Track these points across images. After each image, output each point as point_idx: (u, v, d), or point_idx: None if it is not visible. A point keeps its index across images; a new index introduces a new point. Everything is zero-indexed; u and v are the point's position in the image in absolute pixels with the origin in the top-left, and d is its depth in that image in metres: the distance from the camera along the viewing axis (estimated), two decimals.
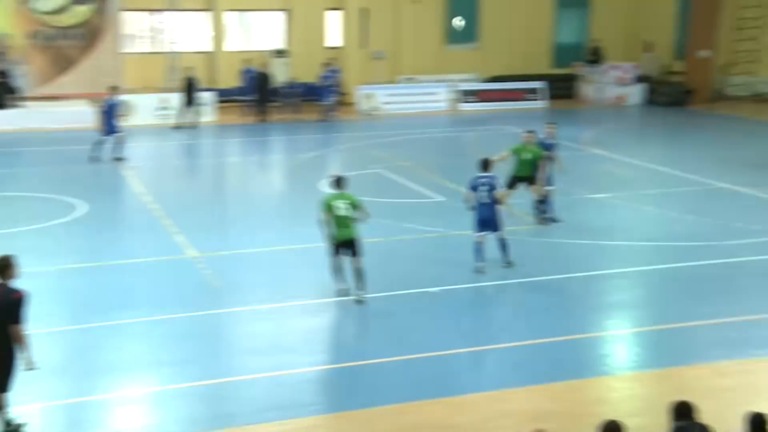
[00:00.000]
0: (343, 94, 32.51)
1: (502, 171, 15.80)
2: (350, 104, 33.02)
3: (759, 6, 33.27)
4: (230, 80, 32.45)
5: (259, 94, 29.85)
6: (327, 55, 32.80)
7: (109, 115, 22.67)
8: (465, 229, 16.08)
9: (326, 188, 16.02)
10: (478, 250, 13.70)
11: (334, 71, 30.71)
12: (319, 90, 30.62)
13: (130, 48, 32.40)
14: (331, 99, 30.22)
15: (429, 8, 35.40)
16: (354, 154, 24.43)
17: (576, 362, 10.48)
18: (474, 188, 13.82)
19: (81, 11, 30.12)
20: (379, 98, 32.29)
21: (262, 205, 18.64)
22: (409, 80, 34.59)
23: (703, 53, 33.93)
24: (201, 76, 31.17)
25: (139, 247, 15.13)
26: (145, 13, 32.77)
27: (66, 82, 30.41)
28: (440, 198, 18.73)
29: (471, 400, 9.57)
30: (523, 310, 12.42)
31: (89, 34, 30.35)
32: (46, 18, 29.81)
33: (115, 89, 23.60)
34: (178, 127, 28.51)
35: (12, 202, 18.28)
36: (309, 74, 32.72)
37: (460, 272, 13.88)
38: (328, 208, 12.55)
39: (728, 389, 9.61)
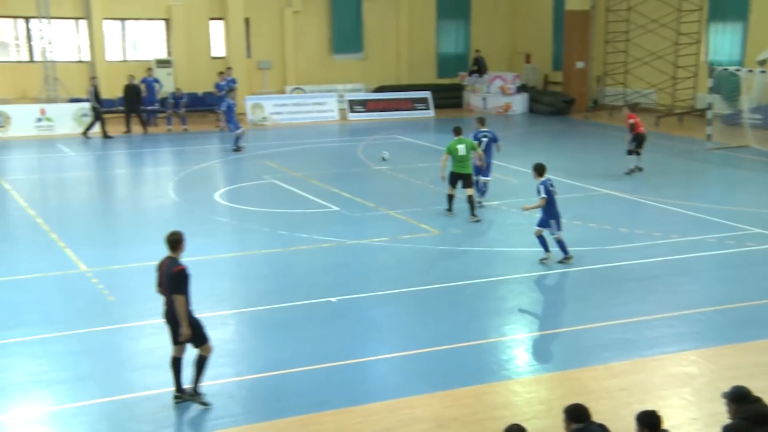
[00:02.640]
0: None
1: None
2: (238, 114, 32.68)
3: (627, 20, 34.92)
4: (113, 90, 31.60)
5: (127, 106, 29.26)
6: (212, 65, 32.42)
7: None
8: (360, 238, 16.26)
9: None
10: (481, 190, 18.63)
11: (232, 80, 30.39)
12: (214, 99, 30.24)
13: (0, 56, 31.11)
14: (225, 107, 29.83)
15: (312, 18, 35.52)
16: (245, 165, 24.20)
17: (477, 367, 10.66)
18: (476, 139, 18.24)
19: None
20: (267, 108, 32.11)
21: (152, 218, 18.22)
22: (297, 90, 34.59)
23: (579, 64, 35.32)
24: (80, 86, 30.32)
25: (27, 262, 14.54)
26: (14, 20, 31.49)
27: None
28: (334, 207, 18.78)
29: (375, 409, 9.60)
30: (421, 316, 12.54)
31: None
32: None
33: None
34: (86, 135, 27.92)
35: None
36: (194, 84, 32.30)
37: (359, 280, 13.98)
38: (451, 150, 17.30)
39: (622, 389, 9.99)
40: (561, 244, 14.63)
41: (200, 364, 9.65)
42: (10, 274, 13.90)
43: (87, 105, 28.96)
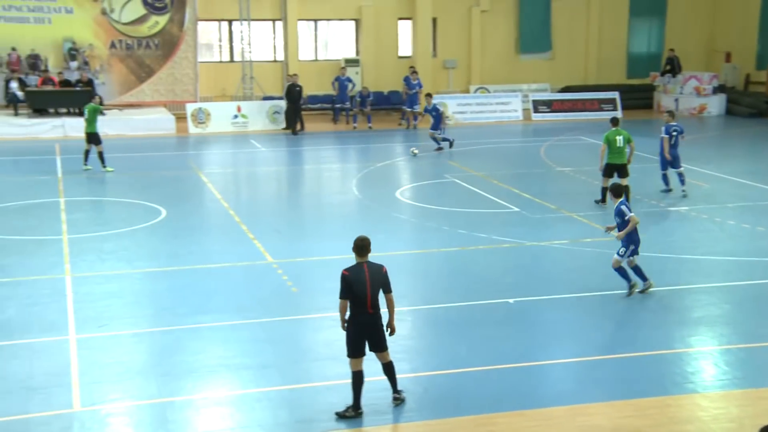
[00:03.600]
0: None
1: None
2: (423, 113, 33.07)
3: None
4: (303, 89, 32.89)
5: (289, 105, 29.92)
6: (399, 64, 32.93)
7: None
8: (540, 240, 16.00)
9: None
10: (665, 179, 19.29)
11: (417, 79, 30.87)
12: (399, 97, 30.80)
13: (205, 57, 33.05)
14: (417, 107, 30.32)
15: (499, 17, 35.30)
16: (427, 163, 24.42)
17: (660, 378, 10.22)
18: (667, 133, 19.15)
19: (158, 21, 30.83)
20: (451, 107, 32.26)
21: (335, 214, 18.73)
22: (481, 90, 34.53)
23: None
24: (274, 84, 31.68)
25: (219, 252, 15.35)
26: (218, 23, 33.35)
27: (145, 90, 31.15)
28: (514, 208, 18.59)
29: (551, 414, 9.42)
30: (605, 323, 12.19)
31: (166, 44, 31.06)
32: (125, 28, 30.61)
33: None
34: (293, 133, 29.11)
35: (98, 207, 18.76)
36: (380, 83, 32.94)
37: (537, 283, 13.76)
38: (609, 140, 18.03)
39: None
40: (635, 269, 13.10)
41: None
42: (205, 263, 14.72)
43: (280, 103, 30.24)
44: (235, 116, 30.06)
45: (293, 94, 29.43)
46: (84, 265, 14.39)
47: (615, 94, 33.96)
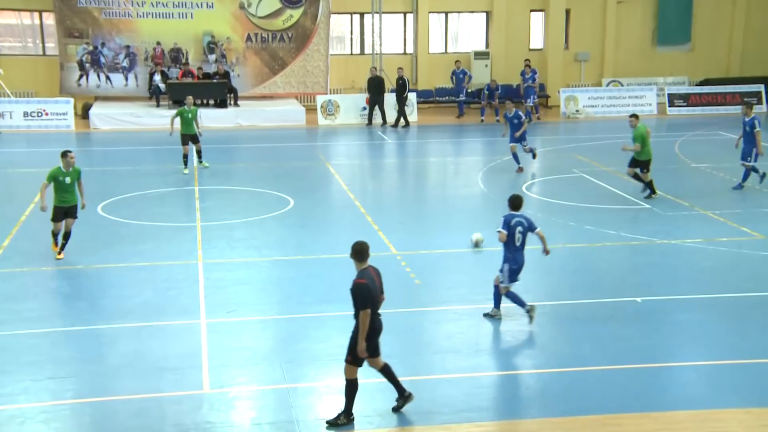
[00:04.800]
0: (543, 96, 32.08)
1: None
2: (552, 107, 32.54)
3: None
4: (431, 81, 32.96)
5: (372, 98, 29.81)
6: (529, 56, 32.46)
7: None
8: (672, 238, 15.45)
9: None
10: None
11: (535, 72, 30.35)
12: (519, 91, 30.39)
13: (336, 49, 33.57)
14: (532, 101, 29.88)
15: (636, 8, 34.25)
16: (554, 157, 24.00)
17: None
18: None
19: (293, 15, 31.51)
20: (582, 101, 31.58)
21: (460, 207, 18.68)
22: (614, 83, 33.63)
23: None
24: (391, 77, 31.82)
25: (345, 243, 15.51)
26: (350, 16, 33.77)
27: (277, 82, 31.95)
28: (645, 204, 18.04)
29: (679, 417, 9.12)
30: (740, 326, 11.65)
31: (300, 37, 31.72)
32: (261, 22, 31.43)
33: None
34: (393, 125, 29.26)
35: (229, 195, 19.38)
36: (509, 76, 32.57)
37: (667, 282, 13.31)
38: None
39: None
40: (511, 296, 11.77)
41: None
42: (330, 253, 14.97)
43: (408, 95, 30.38)
44: (364, 108, 30.38)
45: (398, 87, 29.52)
46: (215, 251, 14.90)
47: (760, 87, 32.35)
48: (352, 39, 34.30)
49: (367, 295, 8.86)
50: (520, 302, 11.67)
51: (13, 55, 31.47)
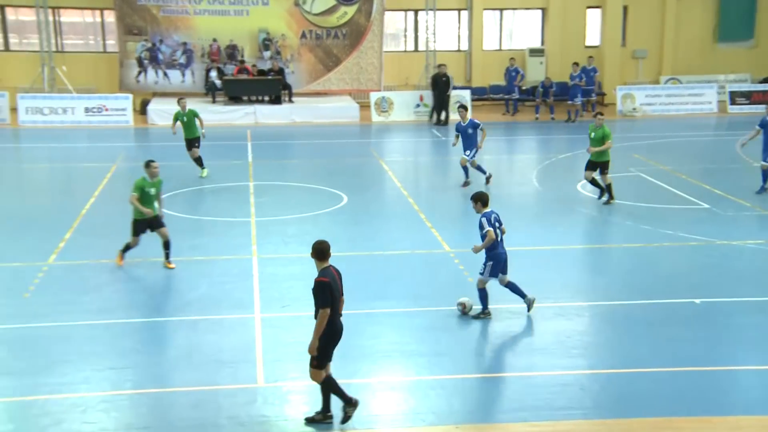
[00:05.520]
0: (599, 94, 31.67)
1: None
2: (608, 105, 32.12)
3: None
4: (485, 78, 32.77)
5: (436, 96, 29.64)
6: (584, 53, 32.10)
7: None
8: (732, 239, 15.15)
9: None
10: None
11: (589, 70, 29.96)
12: (568, 89, 30.07)
13: (390, 46, 33.58)
14: (578, 100, 29.52)
15: (697, 4, 33.62)
16: (611, 156, 23.62)
17: None
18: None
19: (347, 12, 31.60)
20: (639, 99, 31.11)
21: (514, 205, 18.51)
22: (673, 80, 33.08)
23: None
24: (457, 75, 31.71)
25: (397, 239, 15.58)
26: (404, 13, 33.74)
27: (331, 79, 32.08)
28: (704, 204, 17.71)
29: (741, 423, 8.93)
30: None
31: (354, 34, 31.80)
32: (316, 19, 31.59)
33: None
34: (437, 123, 29.23)
35: (283, 191, 19.52)
36: (564, 74, 32.21)
37: (727, 284, 13.05)
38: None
39: None
40: (482, 293, 11.83)
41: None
42: (383, 249, 14.99)
43: (462, 93, 30.27)
44: (417, 105, 30.37)
45: (440, 84, 29.36)
46: (269, 247, 15.02)
47: None
48: (405, 36, 34.28)
49: (327, 293, 8.74)
50: (520, 293, 11.84)
51: (76, 52, 32.13)
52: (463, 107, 19.97)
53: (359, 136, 28.17)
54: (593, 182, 18.06)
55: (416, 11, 33.31)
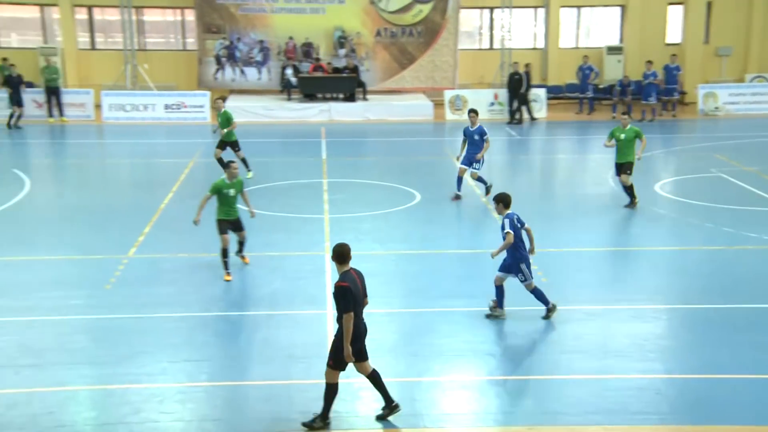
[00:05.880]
0: (681, 93, 30.91)
1: None
2: (688, 104, 31.36)
3: None
4: (562, 77, 32.33)
5: (511, 95, 29.33)
6: (664, 51, 31.41)
7: None
8: None
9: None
10: None
11: (672, 68, 29.30)
12: (642, 89, 29.43)
13: (465, 44, 33.42)
14: (652, 99, 28.86)
15: None
16: (691, 156, 23.14)
17: None
18: None
19: (422, 10, 31.57)
20: (722, 97, 30.28)
21: (589, 205, 18.24)
22: (759, 78, 32.08)
23: None
24: (533, 72, 31.36)
25: (470, 238, 15.52)
26: (480, 11, 33.54)
27: (406, 77, 32.10)
28: None
29: None
30: None
31: (429, 32, 31.75)
32: (391, 17, 31.64)
33: None
34: (509, 122, 29.03)
35: (357, 188, 19.61)
36: (642, 71, 31.59)
37: None
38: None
39: None
40: (536, 293, 11.67)
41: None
42: (456, 248, 14.95)
43: (537, 92, 29.96)
44: (492, 104, 30.16)
45: (513, 83, 29.03)
46: None
47: None
48: (481, 34, 34.07)
49: (349, 297, 8.56)
50: (544, 300, 11.61)
51: (157, 50, 32.89)
52: (473, 111, 19.12)
53: (433, 134, 28.11)
54: (631, 189, 17.49)
55: (492, 9, 33.07)
